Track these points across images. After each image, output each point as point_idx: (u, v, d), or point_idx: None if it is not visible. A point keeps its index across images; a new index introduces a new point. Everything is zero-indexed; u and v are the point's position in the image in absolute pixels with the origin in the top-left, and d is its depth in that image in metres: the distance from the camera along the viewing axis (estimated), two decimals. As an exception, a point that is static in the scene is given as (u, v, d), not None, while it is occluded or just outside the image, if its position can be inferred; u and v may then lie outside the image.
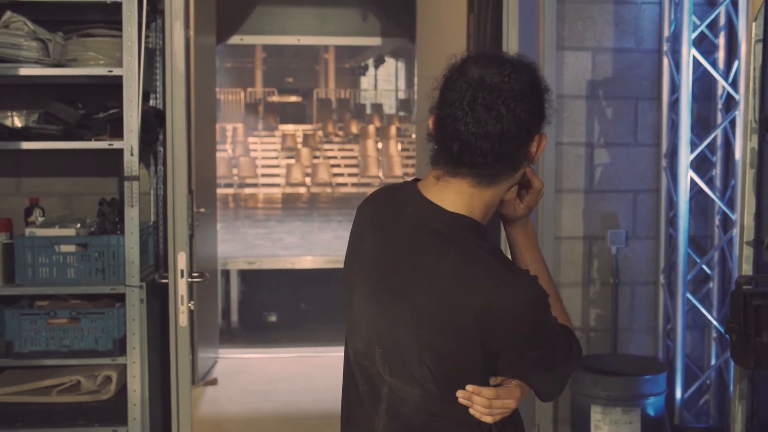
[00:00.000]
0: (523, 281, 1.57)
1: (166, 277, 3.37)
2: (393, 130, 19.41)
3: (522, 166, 1.62)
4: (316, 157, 18.42)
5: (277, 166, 18.30)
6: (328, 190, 17.49)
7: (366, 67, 24.58)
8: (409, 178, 1.82)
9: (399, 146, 18.58)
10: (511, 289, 1.54)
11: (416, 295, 1.59)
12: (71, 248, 3.37)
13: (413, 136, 15.81)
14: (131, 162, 3.27)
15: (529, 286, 1.57)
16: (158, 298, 3.53)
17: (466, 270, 1.55)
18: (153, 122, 3.57)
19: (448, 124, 1.56)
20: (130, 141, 3.27)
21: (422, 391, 1.62)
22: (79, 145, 3.40)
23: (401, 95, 23.51)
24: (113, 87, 3.34)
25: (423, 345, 1.59)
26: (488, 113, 1.53)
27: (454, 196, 1.61)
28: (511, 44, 3.71)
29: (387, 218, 1.68)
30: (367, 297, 1.69)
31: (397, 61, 24.04)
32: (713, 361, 4.02)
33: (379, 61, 23.48)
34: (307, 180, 17.53)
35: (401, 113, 21.75)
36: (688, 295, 3.89)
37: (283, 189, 17.49)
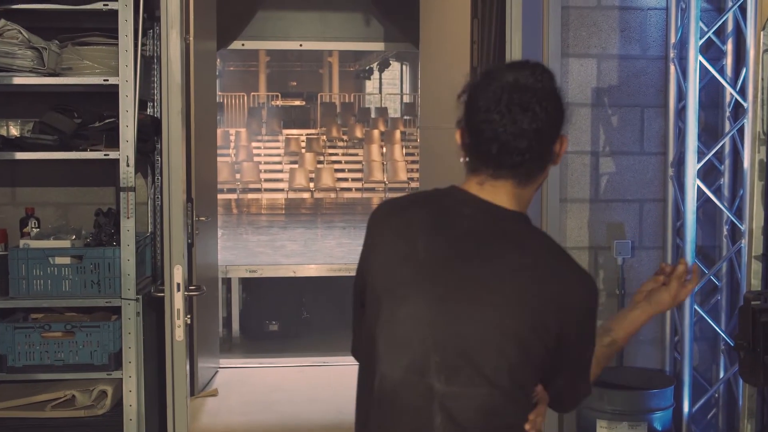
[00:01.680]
0: (588, 274, 1.70)
1: (163, 291, 3.31)
2: (398, 134, 19.34)
3: (548, 166, 1.69)
4: (320, 162, 18.35)
5: (280, 171, 18.25)
6: (332, 195, 17.43)
7: (371, 71, 24.52)
8: (414, 183, 1.84)
9: (404, 151, 18.50)
10: (585, 281, 1.67)
11: (499, 290, 1.62)
12: (66, 260, 3.32)
13: (418, 140, 15.75)
14: (127, 173, 3.22)
15: (592, 280, 1.71)
16: (155, 310, 3.47)
17: (549, 262, 1.65)
18: (150, 131, 3.52)
19: (485, 129, 1.61)
20: (125, 151, 3.22)
21: (489, 389, 1.60)
22: (75, 156, 3.36)
23: (406, 99, 23.45)
24: (110, 95, 3.29)
25: (507, 336, 1.60)
26: (524, 113, 1.59)
27: (506, 196, 1.67)
28: (514, 50, 3.65)
29: (442, 221, 1.69)
30: (425, 304, 1.63)
31: (402, 65, 24.00)
32: (722, 374, 3.95)
33: (383, 65, 23.41)
34: (311, 185, 17.47)
35: (406, 117, 21.65)
36: (696, 307, 3.82)
37: (286, 194, 17.42)
